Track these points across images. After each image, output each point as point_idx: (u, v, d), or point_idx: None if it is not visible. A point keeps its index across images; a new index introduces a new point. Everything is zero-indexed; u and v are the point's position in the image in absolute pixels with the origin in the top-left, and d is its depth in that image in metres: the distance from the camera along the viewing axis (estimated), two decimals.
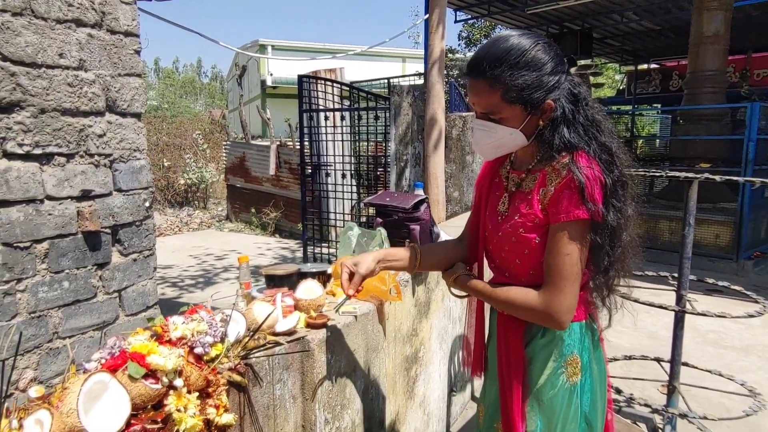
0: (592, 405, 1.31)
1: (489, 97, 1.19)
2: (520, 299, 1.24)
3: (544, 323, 1.24)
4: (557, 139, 1.20)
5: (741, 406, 3.17)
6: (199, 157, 13.85)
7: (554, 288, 1.18)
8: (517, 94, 1.17)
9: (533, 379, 1.29)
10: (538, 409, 1.28)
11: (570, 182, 1.16)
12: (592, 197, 1.14)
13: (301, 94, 5.78)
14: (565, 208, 1.16)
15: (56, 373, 2.39)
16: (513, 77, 1.15)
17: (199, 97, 39.00)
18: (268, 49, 18.66)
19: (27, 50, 2.13)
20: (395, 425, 2.05)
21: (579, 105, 1.22)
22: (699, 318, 4.40)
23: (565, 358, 1.28)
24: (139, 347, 0.98)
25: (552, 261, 1.19)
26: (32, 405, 0.88)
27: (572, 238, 1.17)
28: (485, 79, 1.17)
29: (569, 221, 1.16)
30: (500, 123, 1.21)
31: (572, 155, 1.18)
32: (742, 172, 6.42)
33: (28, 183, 2.18)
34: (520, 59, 1.15)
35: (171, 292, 5.75)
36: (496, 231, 1.33)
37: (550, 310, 1.19)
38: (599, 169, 1.17)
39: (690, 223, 2.62)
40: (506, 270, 1.35)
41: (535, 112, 1.20)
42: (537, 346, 1.29)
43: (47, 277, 2.28)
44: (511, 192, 1.33)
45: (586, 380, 1.30)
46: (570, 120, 1.21)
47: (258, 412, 1.26)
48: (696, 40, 7.42)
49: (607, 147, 1.21)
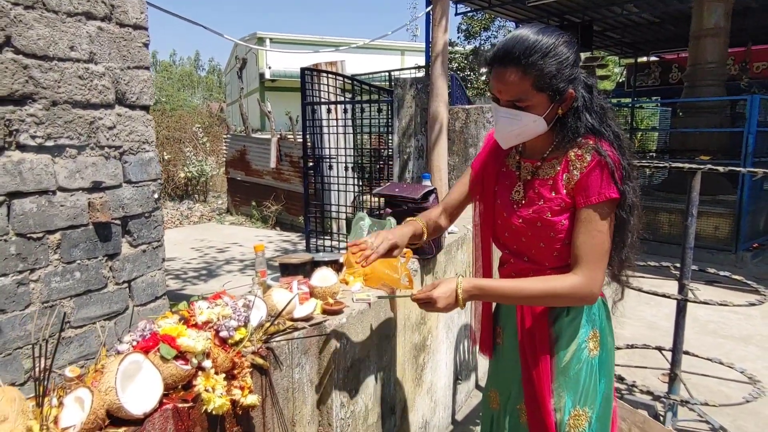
0: (608, 377, 1.41)
1: (520, 85, 1.25)
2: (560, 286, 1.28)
3: (582, 303, 1.31)
4: (581, 125, 1.29)
5: (740, 393, 3.23)
6: (198, 151, 13.85)
7: (593, 266, 1.26)
8: (548, 82, 1.24)
9: (560, 356, 1.36)
10: (565, 385, 1.35)
11: (597, 165, 1.25)
12: (619, 178, 1.24)
13: (304, 87, 5.79)
14: (596, 190, 1.25)
15: (68, 361, 2.42)
16: (545, 65, 1.23)
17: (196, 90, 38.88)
18: (266, 42, 18.60)
19: (39, 43, 2.15)
20: (405, 411, 2.09)
21: (593, 94, 1.32)
22: (699, 308, 4.47)
23: (588, 333, 1.37)
24: (169, 330, 1.01)
25: (587, 241, 1.26)
26: (69, 384, 0.92)
27: (604, 218, 1.25)
28: (519, 67, 1.24)
29: (601, 202, 1.24)
30: (526, 110, 1.27)
31: (597, 141, 1.27)
32: (742, 165, 6.46)
33: (41, 174, 2.21)
34: (551, 50, 1.23)
35: (174, 284, 5.79)
36: (515, 218, 1.39)
37: (591, 288, 1.26)
38: (617, 153, 1.27)
39: (693, 213, 2.65)
40: (526, 254, 1.40)
41: (558, 101, 1.28)
42: (563, 324, 1.37)
43: (59, 267, 2.31)
44: (526, 180, 1.39)
45: (604, 353, 1.39)
46: (590, 108, 1.30)
47: (278, 395, 1.30)
48: (696, 32, 7.44)
49: (619, 134, 1.32)
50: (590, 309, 1.38)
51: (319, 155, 5.96)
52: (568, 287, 1.26)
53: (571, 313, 1.37)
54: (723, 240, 6.83)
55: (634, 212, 1.30)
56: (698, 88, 7.53)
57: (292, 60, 15.32)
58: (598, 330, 1.39)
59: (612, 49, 13.29)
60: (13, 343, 2.17)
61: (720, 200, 7.09)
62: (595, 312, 1.40)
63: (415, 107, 4.92)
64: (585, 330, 1.37)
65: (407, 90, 4.92)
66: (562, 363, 1.36)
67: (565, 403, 1.35)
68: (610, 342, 1.43)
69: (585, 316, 1.37)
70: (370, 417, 1.79)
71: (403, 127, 4.99)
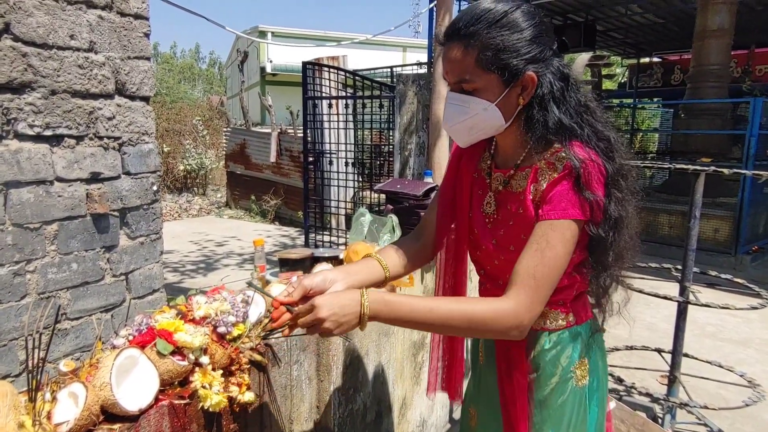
0: (601, 404, 1.26)
1: (462, 61, 1.06)
2: (479, 311, 1.02)
3: (507, 336, 1.05)
4: (550, 118, 1.06)
5: (739, 397, 3.22)
6: (198, 144, 13.81)
7: (531, 292, 1.01)
8: (494, 56, 1.03)
9: (540, 389, 1.18)
10: (548, 419, 1.18)
11: (568, 176, 1.03)
12: (589, 185, 1.02)
13: (305, 81, 5.76)
14: (559, 205, 1.03)
15: (64, 353, 2.40)
16: (490, 36, 1.03)
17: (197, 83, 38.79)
18: (268, 35, 18.54)
19: (38, 31, 2.12)
20: (403, 409, 2.07)
21: (569, 85, 1.10)
22: (698, 311, 4.46)
23: (573, 363, 1.19)
24: (166, 325, 0.99)
25: (534, 261, 1.02)
26: (63, 378, 0.90)
27: (563, 240, 1.02)
28: (461, 40, 1.06)
29: (562, 220, 1.02)
30: (474, 95, 1.07)
31: (566, 145, 1.06)
32: (743, 167, 6.45)
33: (39, 164, 2.18)
34: (501, 19, 1.04)
35: (173, 277, 5.77)
36: (488, 238, 1.19)
37: (521, 319, 1.01)
38: (597, 156, 1.05)
39: (695, 215, 2.64)
40: (501, 278, 1.19)
41: (514, 84, 1.06)
42: (543, 354, 1.18)
43: (56, 258, 2.29)
44: (497, 191, 1.19)
45: (594, 380, 1.23)
46: (559, 98, 1.07)
47: (276, 392, 1.28)
48: (700, 33, 7.41)
49: (605, 135, 1.09)
50: (575, 334, 1.18)
51: (319, 150, 5.93)
52: (489, 313, 1.01)
53: (553, 343, 1.17)
54: (723, 242, 6.82)
55: (621, 227, 1.08)
56: (701, 89, 7.51)
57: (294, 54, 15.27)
58: (585, 357, 1.20)
59: (615, 50, 13.26)
60: (9, 334, 2.15)
61: (720, 203, 7.08)
62: (584, 337, 1.19)
63: (417, 104, 4.89)
64: (570, 359, 1.18)
65: (409, 86, 4.89)
66: (542, 396, 1.18)
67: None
68: (602, 366, 1.26)
69: (571, 343, 1.18)
70: (368, 415, 1.78)
71: (405, 124, 4.96)
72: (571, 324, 1.19)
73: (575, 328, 1.19)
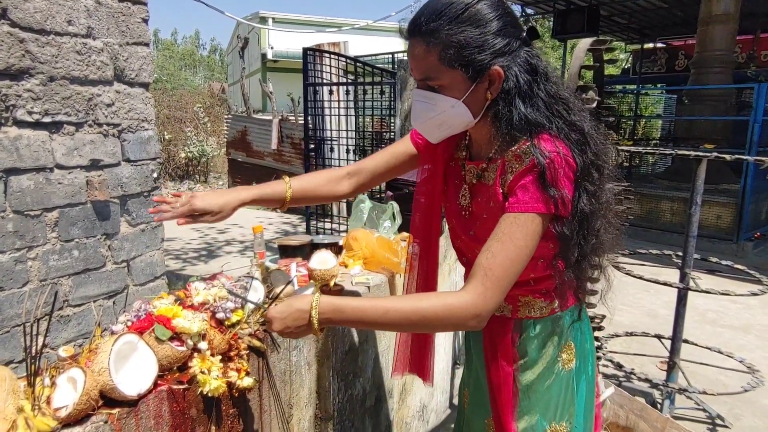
0: (589, 386, 1.27)
1: (426, 58, 1.03)
2: (430, 308, 1.01)
3: (465, 328, 1.07)
4: (515, 113, 1.03)
5: (738, 382, 3.23)
6: (199, 131, 13.79)
7: (491, 284, 0.99)
8: (456, 53, 1.00)
9: (527, 374, 1.19)
10: (535, 404, 1.19)
11: (531, 169, 1.01)
12: (555, 182, 1.00)
13: (306, 68, 5.73)
14: (523, 198, 1.01)
15: (66, 340, 2.42)
16: (451, 32, 1.00)
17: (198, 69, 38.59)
18: (269, 21, 18.39)
19: (36, 16, 2.11)
20: (402, 395, 2.09)
21: (538, 77, 1.06)
22: (698, 297, 4.46)
23: (559, 348, 1.20)
24: (164, 310, 1.00)
25: (496, 252, 1.00)
26: (63, 364, 0.90)
27: (526, 233, 1.00)
28: (422, 37, 1.03)
29: (526, 212, 1.00)
30: (440, 92, 1.05)
31: (533, 138, 1.03)
32: (746, 154, 6.41)
33: (38, 151, 2.18)
34: (462, 13, 1.00)
35: (174, 264, 5.79)
36: (465, 229, 1.19)
37: (478, 310, 0.99)
38: (567, 150, 1.02)
39: (697, 202, 2.63)
40: None
41: (480, 80, 1.03)
42: (529, 342, 1.19)
43: (57, 245, 2.30)
44: (471, 184, 1.18)
45: (581, 363, 1.24)
46: (526, 92, 1.04)
47: (275, 377, 1.29)
48: (705, 18, 7.33)
49: (578, 126, 1.06)
50: (559, 320, 1.19)
51: (320, 137, 5.91)
52: (441, 309, 1.00)
53: (539, 327, 1.18)
54: (725, 229, 6.81)
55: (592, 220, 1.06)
56: (705, 75, 7.44)
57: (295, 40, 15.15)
58: (572, 340, 1.21)
59: (618, 35, 13.13)
60: (11, 320, 2.17)
61: (723, 189, 7.06)
62: (567, 322, 1.21)
63: None
64: (555, 345, 1.19)
65: (410, 72, 4.86)
66: (529, 381, 1.19)
67: (538, 422, 1.19)
68: (589, 347, 1.27)
69: (556, 329, 1.19)
70: (368, 400, 1.79)
71: (406, 110, 4.94)
72: (555, 311, 1.20)
73: (560, 314, 1.20)
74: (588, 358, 1.27)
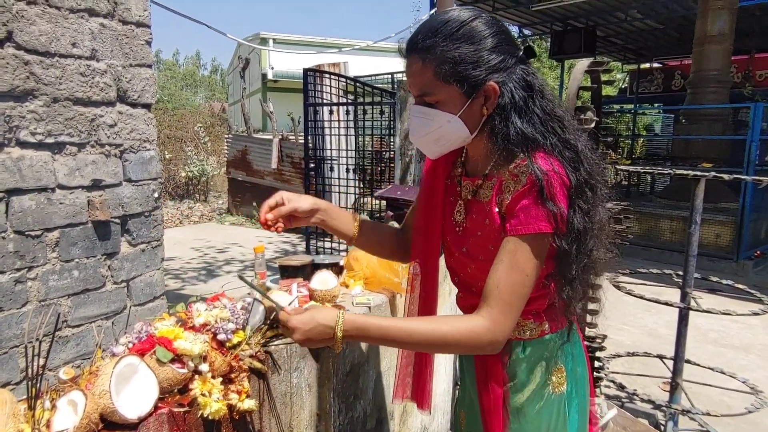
0: (581, 410, 1.25)
1: (422, 75, 1.06)
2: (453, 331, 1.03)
3: (483, 351, 1.08)
4: (511, 128, 1.04)
5: (741, 403, 3.20)
6: (200, 150, 13.85)
7: (502, 308, 1.02)
8: (451, 69, 1.03)
9: (517, 397, 1.18)
10: (526, 426, 1.18)
11: (531, 188, 1.01)
12: (552, 197, 1.01)
13: (306, 88, 5.78)
14: (525, 219, 1.01)
15: (65, 361, 2.40)
16: (447, 49, 1.02)
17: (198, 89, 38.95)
18: (270, 42, 18.62)
19: (41, 39, 2.13)
20: (404, 416, 2.07)
21: (534, 94, 1.07)
22: (700, 317, 4.45)
23: (549, 371, 1.19)
24: (166, 332, 0.99)
25: (504, 277, 1.02)
26: (63, 386, 0.90)
27: (532, 254, 1.02)
28: (418, 54, 1.05)
29: (530, 234, 1.01)
30: (437, 108, 1.07)
31: (530, 156, 1.04)
32: (744, 173, 6.45)
33: (41, 172, 2.19)
34: (457, 31, 1.03)
35: (174, 284, 5.77)
36: (459, 245, 1.19)
37: (495, 335, 1.02)
38: (560, 167, 1.03)
39: (696, 221, 2.63)
40: (473, 286, 1.19)
41: (476, 95, 1.05)
42: (517, 362, 1.18)
43: (57, 265, 2.30)
44: (467, 200, 1.18)
45: (572, 387, 1.22)
46: (522, 108, 1.06)
47: (276, 399, 1.28)
48: (700, 39, 7.43)
49: (572, 144, 1.07)
50: (551, 344, 1.19)
51: (320, 156, 5.94)
52: (463, 332, 1.03)
53: (527, 350, 1.18)
54: (724, 248, 6.81)
55: (585, 239, 1.06)
56: (701, 94, 7.52)
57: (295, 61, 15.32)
58: (562, 364, 1.20)
59: (615, 55, 13.31)
60: (10, 341, 2.15)
61: (722, 208, 7.07)
62: (557, 345, 1.19)
63: None
64: (545, 367, 1.18)
65: (410, 92, 4.90)
66: (519, 404, 1.18)
67: None
68: (581, 373, 1.25)
69: (545, 351, 1.18)
70: (368, 422, 1.77)
71: (406, 130, 4.97)
72: (545, 332, 1.18)
73: (549, 336, 1.19)
74: (581, 382, 1.25)
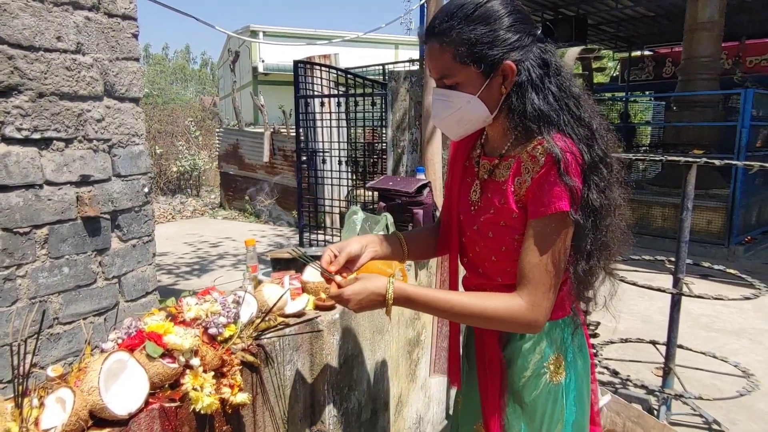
0: (579, 402, 1.24)
1: (440, 58, 1.08)
2: (496, 308, 1.08)
3: (524, 330, 1.13)
4: (528, 105, 1.07)
5: (733, 387, 3.24)
6: (191, 145, 13.76)
7: (538, 289, 1.06)
8: (468, 50, 1.05)
9: (513, 381, 1.20)
10: (521, 412, 1.19)
11: (550, 168, 1.04)
12: (568, 171, 1.03)
13: (297, 80, 5.74)
14: (548, 200, 1.04)
15: (56, 358, 2.39)
16: (463, 31, 1.04)
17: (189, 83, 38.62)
18: (260, 35, 18.46)
19: (24, 33, 2.10)
20: (399, 407, 2.07)
21: (550, 71, 1.09)
22: (691, 302, 4.48)
23: (547, 359, 1.19)
24: (155, 327, 0.98)
25: (534, 259, 1.06)
26: (51, 384, 0.89)
27: (558, 233, 1.05)
28: (436, 38, 1.08)
29: (554, 213, 1.04)
30: (456, 89, 1.09)
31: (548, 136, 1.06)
32: (735, 158, 6.48)
33: (27, 168, 2.16)
34: (472, 13, 1.05)
35: (167, 279, 5.75)
36: (471, 224, 1.22)
37: (535, 315, 1.07)
38: (575, 147, 1.05)
39: (688, 207, 2.64)
40: (480, 266, 1.24)
41: (494, 75, 1.07)
42: (516, 348, 1.20)
43: (47, 262, 2.27)
44: (483, 180, 1.21)
45: (571, 378, 1.22)
46: (538, 85, 1.08)
47: (269, 393, 1.27)
48: (690, 26, 7.43)
49: (586, 122, 1.09)
50: (552, 332, 1.19)
51: (312, 149, 5.91)
52: (505, 310, 1.07)
53: (526, 336, 1.19)
54: (716, 234, 6.86)
55: (603, 216, 1.08)
56: (692, 81, 7.54)
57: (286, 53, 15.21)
58: (561, 354, 1.20)
59: (606, 43, 13.29)
60: (0, 340, 2.14)
61: (713, 194, 7.11)
62: (558, 333, 1.20)
63: (410, 100, 4.88)
64: (543, 354, 1.19)
65: (401, 83, 4.88)
66: (516, 388, 1.20)
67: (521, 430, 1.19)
68: (581, 364, 1.25)
69: (544, 338, 1.19)
70: (363, 413, 1.77)
71: (397, 121, 4.95)
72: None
73: (550, 324, 1.18)
74: (581, 376, 1.24)
